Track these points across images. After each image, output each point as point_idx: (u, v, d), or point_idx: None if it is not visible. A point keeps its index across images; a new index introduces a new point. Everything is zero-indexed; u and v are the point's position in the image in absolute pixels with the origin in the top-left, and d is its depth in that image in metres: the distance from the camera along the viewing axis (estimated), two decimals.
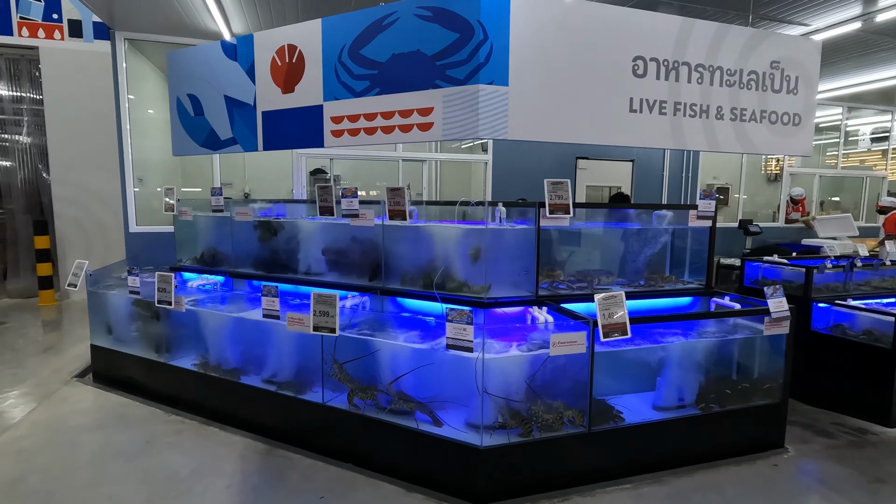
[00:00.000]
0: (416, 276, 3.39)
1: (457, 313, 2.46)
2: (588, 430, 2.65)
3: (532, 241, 3.21)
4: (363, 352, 2.93)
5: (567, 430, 2.64)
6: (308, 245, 3.88)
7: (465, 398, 2.70)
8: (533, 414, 2.60)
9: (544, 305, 3.15)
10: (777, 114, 3.34)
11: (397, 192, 3.26)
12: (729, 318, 3.28)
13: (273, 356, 3.32)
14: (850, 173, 9.90)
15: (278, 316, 3.06)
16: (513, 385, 2.61)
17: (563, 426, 2.64)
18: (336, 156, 6.29)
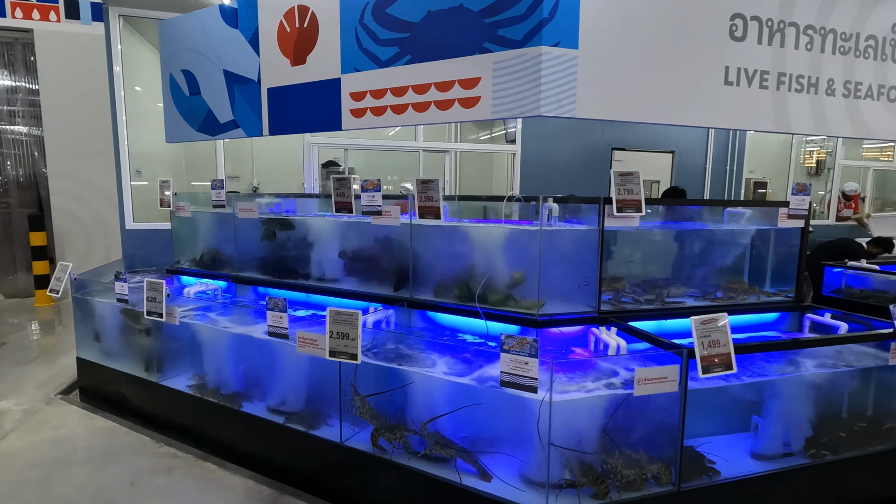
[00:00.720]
0: (450, 285, 2.83)
1: (516, 342, 1.89)
2: (677, 488, 2.08)
3: (594, 245, 2.63)
4: (391, 381, 2.39)
5: (651, 488, 2.07)
6: (322, 247, 3.33)
7: (520, 444, 2.14)
8: (610, 469, 2.04)
9: (609, 324, 2.58)
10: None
11: (429, 186, 2.70)
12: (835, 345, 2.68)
13: (281, 380, 2.78)
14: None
15: (287, 335, 2.53)
16: (584, 432, 2.05)
17: (647, 484, 2.07)
18: (352, 146, 5.74)
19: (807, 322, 2.96)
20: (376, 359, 2.43)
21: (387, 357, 2.45)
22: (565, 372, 2.17)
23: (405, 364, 2.36)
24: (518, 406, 2.07)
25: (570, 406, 1.95)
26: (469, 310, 2.70)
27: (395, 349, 2.50)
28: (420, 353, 2.46)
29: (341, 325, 2.25)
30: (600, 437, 2.07)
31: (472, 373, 2.23)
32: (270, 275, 3.51)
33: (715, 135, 7.07)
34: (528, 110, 2.10)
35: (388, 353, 2.50)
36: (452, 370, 2.28)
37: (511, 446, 2.18)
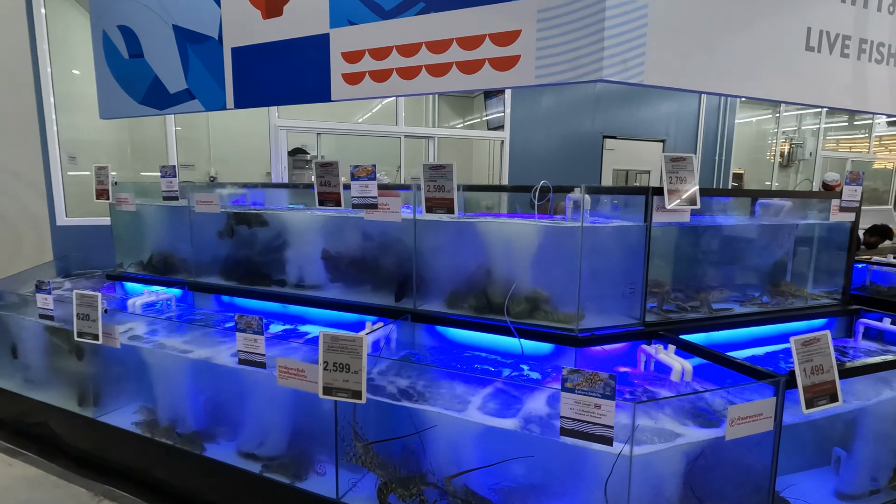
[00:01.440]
0: (465, 294, 2.34)
1: (584, 378, 1.42)
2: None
3: (640, 245, 2.20)
4: (402, 422, 1.87)
5: None
6: (301, 246, 2.77)
7: (577, 500, 1.68)
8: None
9: (658, 339, 2.15)
10: None
11: (441, 172, 2.19)
12: None
13: (256, 417, 2.22)
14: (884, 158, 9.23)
15: (263, 363, 1.97)
16: (662, 485, 1.60)
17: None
18: (326, 130, 5.11)
19: (860, 327, 2.64)
20: (379, 392, 1.91)
21: (394, 388, 1.94)
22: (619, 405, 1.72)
23: (421, 399, 1.86)
24: (577, 457, 1.60)
25: (649, 459, 1.50)
26: (489, 324, 2.22)
27: (399, 373, 1.99)
28: (436, 383, 1.96)
29: (340, 354, 1.72)
30: (681, 491, 1.63)
31: (509, 411, 1.75)
32: (237, 280, 2.91)
33: (704, 123, 6.84)
34: (586, 73, 1.61)
35: (393, 381, 1.98)
36: (482, 406, 1.79)
37: (560, 496, 1.72)
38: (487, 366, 2.15)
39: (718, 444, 1.59)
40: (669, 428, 1.58)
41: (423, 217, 2.33)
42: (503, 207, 3.93)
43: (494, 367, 2.14)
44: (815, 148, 9.01)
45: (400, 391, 1.90)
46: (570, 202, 2.45)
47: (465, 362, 2.19)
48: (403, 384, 1.93)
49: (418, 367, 2.02)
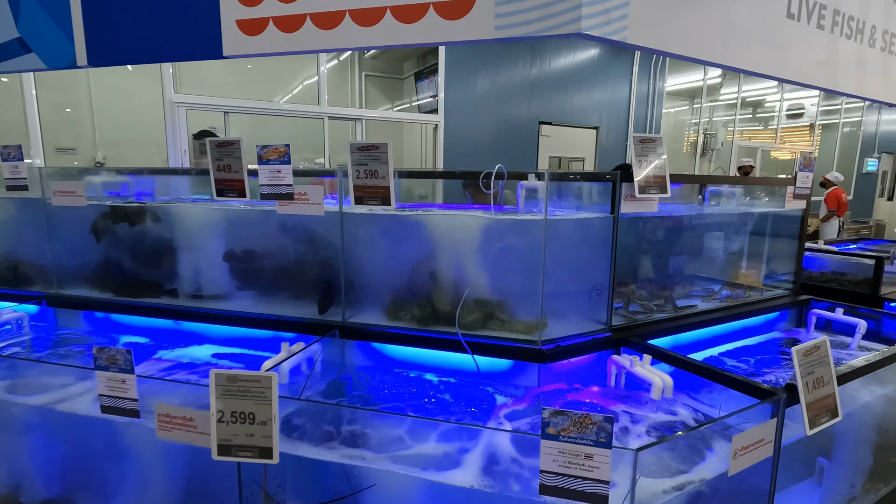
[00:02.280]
0: (406, 302, 1.94)
1: (572, 421, 1.08)
2: None
3: (606, 240, 1.91)
4: (329, 477, 1.45)
5: None
6: (199, 247, 2.22)
7: None
8: None
9: (627, 347, 1.89)
10: None
11: (374, 154, 1.76)
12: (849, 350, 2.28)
13: (133, 481, 1.69)
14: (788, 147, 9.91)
15: (136, 412, 1.46)
16: None
17: None
18: (235, 108, 4.44)
19: (812, 318, 2.57)
20: (298, 439, 1.47)
21: (319, 432, 1.50)
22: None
23: (354, 447, 1.44)
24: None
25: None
26: (435, 338, 1.84)
27: (330, 415, 1.56)
28: (374, 423, 1.55)
29: (241, 401, 1.26)
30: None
31: (466, 455, 1.38)
32: (114, 292, 2.30)
33: (634, 111, 6.87)
34: (560, 25, 1.25)
35: (319, 422, 1.55)
36: (435, 453, 1.41)
37: None
38: (437, 391, 1.77)
39: (719, 480, 1.33)
40: (667, 465, 1.29)
41: (351, 210, 1.90)
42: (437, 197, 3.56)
43: (447, 391, 1.77)
44: (725, 138, 9.49)
45: (326, 435, 1.47)
46: (523, 190, 2.12)
47: (410, 387, 1.80)
48: (330, 428, 1.50)
49: (350, 409, 1.59)
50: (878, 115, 10.50)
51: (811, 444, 1.81)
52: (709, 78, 7.85)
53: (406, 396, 1.71)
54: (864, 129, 10.29)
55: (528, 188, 2.04)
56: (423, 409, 1.64)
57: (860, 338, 2.34)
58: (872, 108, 10.37)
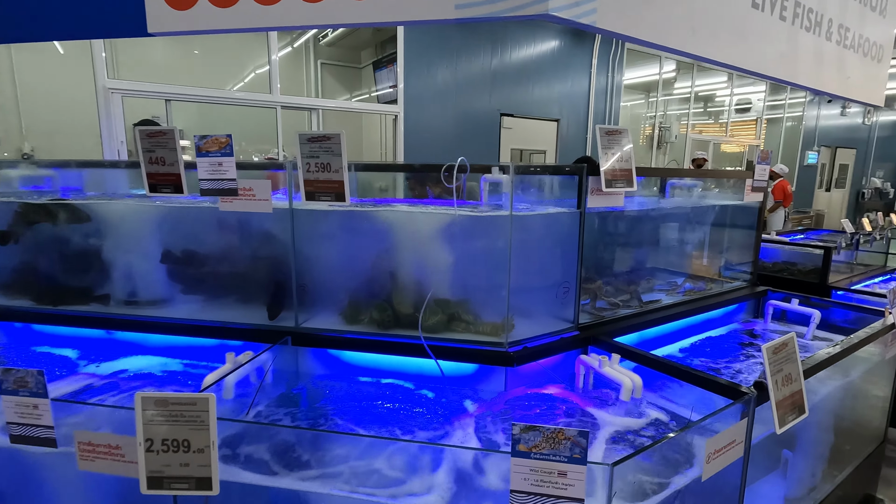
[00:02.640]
0: (363, 305, 1.81)
1: (544, 437, 1.00)
2: None
3: (573, 235, 1.85)
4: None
5: None
6: (132, 248, 2.01)
7: None
8: None
9: (595, 346, 1.84)
10: (869, 42, 2.36)
11: (325, 145, 1.62)
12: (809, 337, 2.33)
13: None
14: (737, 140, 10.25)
15: (52, 441, 1.27)
16: None
17: None
18: (177, 95, 4.13)
19: (769, 309, 2.61)
20: (243, 464, 1.33)
21: (267, 455, 1.36)
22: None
23: (307, 470, 1.31)
24: None
25: None
26: (396, 342, 1.73)
27: (279, 436, 1.42)
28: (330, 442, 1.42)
29: (173, 426, 1.10)
30: None
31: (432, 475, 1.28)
32: (35, 300, 2.06)
33: (595, 104, 6.92)
34: (526, 5, 1.15)
35: (266, 444, 1.40)
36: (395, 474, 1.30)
37: None
38: (401, 399, 1.66)
39: (692, 484, 1.29)
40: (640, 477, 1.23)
41: (303, 206, 1.75)
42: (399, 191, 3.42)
43: (411, 400, 1.66)
44: (679, 131, 9.74)
45: (275, 458, 1.33)
46: (486, 184, 2.02)
47: (370, 396, 1.68)
48: (278, 449, 1.36)
49: (297, 430, 1.45)
50: (818, 110, 11.06)
51: (774, 438, 1.82)
52: (664, 72, 8.00)
53: (367, 408, 1.59)
54: (806, 123, 10.81)
55: (491, 182, 1.95)
56: (385, 421, 1.52)
57: (815, 327, 2.39)
58: (813, 103, 10.90)
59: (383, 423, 1.50)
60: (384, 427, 1.47)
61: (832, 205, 12.33)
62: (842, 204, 12.66)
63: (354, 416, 1.55)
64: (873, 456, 2.25)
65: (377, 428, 1.47)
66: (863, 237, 3.64)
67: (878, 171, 13.44)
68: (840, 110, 11.63)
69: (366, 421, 1.52)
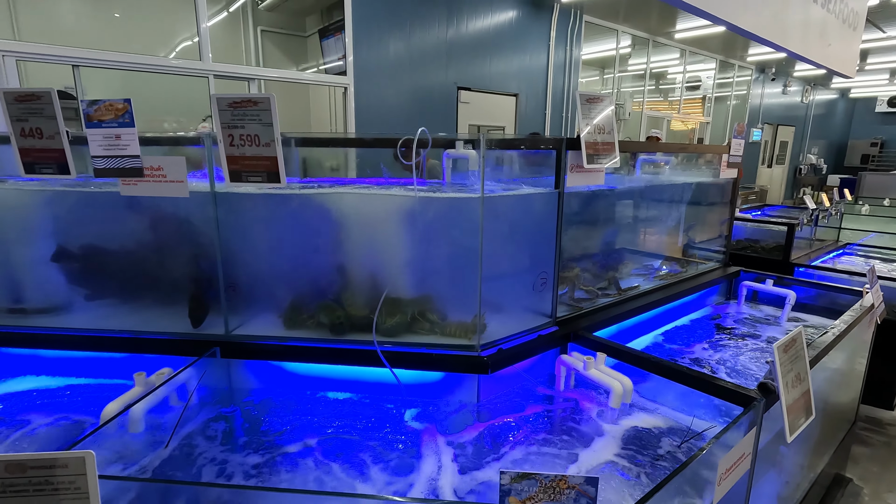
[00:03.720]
0: (310, 306, 1.52)
1: (542, 489, 0.77)
2: None
3: (550, 219, 1.62)
4: None
5: None
6: (15, 244, 1.62)
7: None
8: None
9: (577, 343, 1.64)
10: (848, 8, 2.24)
11: (251, 113, 1.30)
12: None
13: None
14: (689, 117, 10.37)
15: None
16: None
17: None
18: (87, 61, 3.57)
19: (743, 290, 2.52)
20: None
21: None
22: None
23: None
24: None
25: None
26: (347, 349, 1.45)
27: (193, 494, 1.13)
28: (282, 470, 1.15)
29: (34, 499, 0.80)
30: None
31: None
32: None
33: (553, 79, 6.72)
34: None
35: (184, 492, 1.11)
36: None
37: None
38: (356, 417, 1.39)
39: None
40: None
41: (228, 189, 1.43)
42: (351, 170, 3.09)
43: (369, 419, 1.40)
44: (632, 108, 9.74)
45: None
46: (449, 160, 1.76)
47: (320, 414, 1.41)
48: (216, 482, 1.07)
49: (211, 487, 1.17)
50: (762, 88, 11.38)
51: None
52: (620, 47, 7.90)
53: (317, 433, 1.32)
54: (751, 101, 11.11)
55: (456, 158, 1.69)
56: (337, 447, 1.26)
57: (790, 309, 2.31)
58: (758, 81, 11.20)
59: (339, 454, 1.23)
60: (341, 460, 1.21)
61: (773, 180, 12.87)
62: (781, 179, 13.23)
63: (302, 443, 1.28)
64: (847, 436, 2.21)
65: (333, 462, 1.20)
66: (821, 213, 3.64)
67: (813, 148, 14.12)
68: (782, 89, 12.04)
69: (317, 452, 1.25)
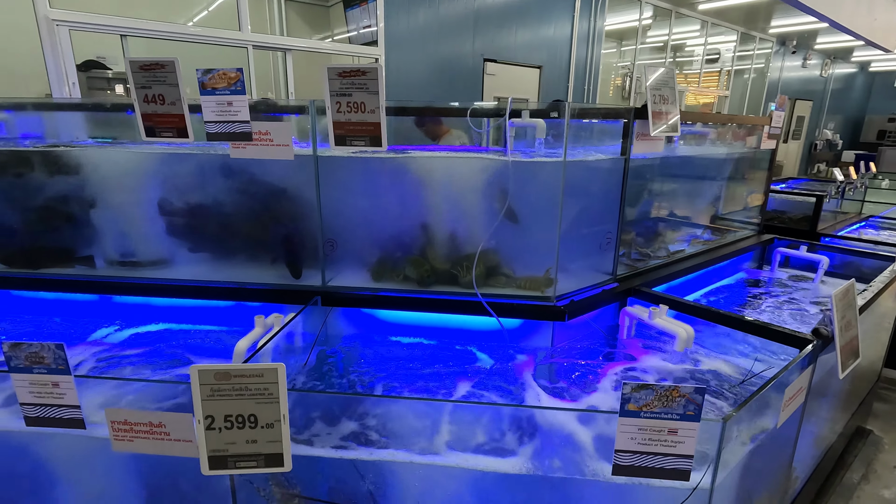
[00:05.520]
0: (397, 261, 1.68)
1: (658, 396, 0.93)
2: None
3: (617, 183, 1.76)
4: (340, 472, 1.22)
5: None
6: (122, 203, 1.77)
7: None
8: None
9: (637, 297, 1.80)
10: None
11: (359, 82, 1.43)
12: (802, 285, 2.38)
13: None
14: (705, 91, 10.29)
15: (81, 422, 1.11)
16: None
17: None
18: (134, 31, 3.65)
19: (777, 256, 2.66)
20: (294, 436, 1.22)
21: (320, 425, 1.25)
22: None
23: (367, 435, 1.22)
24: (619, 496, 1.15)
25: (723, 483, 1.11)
26: (436, 299, 1.62)
27: (337, 404, 1.31)
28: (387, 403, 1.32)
29: (237, 402, 0.97)
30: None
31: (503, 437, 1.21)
32: (5, 262, 1.81)
33: (577, 51, 6.71)
34: None
35: (317, 411, 1.29)
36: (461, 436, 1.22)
37: None
38: (450, 360, 1.57)
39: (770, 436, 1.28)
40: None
41: (329, 153, 1.57)
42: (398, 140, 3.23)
43: (460, 359, 1.57)
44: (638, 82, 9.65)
45: (331, 425, 1.22)
46: (512, 130, 1.89)
47: (415, 358, 1.58)
48: (335, 418, 1.25)
49: (363, 397, 1.34)
50: (782, 61, 11.23)
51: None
52: (643, 18, 7.82)
53: (415, 369, 1.50)
54: (770, 75, 10.99)
55: (525, 126, 1.81)
56: (442, 381, 1.44)
57: (823, 273, 2.45)
58: (778, 54, 11.04)
59: (441, 384, 1.41)
60: (445, 388, 1.38)
61: (788, 156, 12.81)
62: (797, 155, 13.17)
63: (404, 378, 1.45)
64: (870, 394, 2.38)
65: (438, 390, 1.38)
66: (848, 186, 3.74)
67: (829, 123, 13.99)
68: (801, 62, 11.87)
69: (420, 382, 1.42)
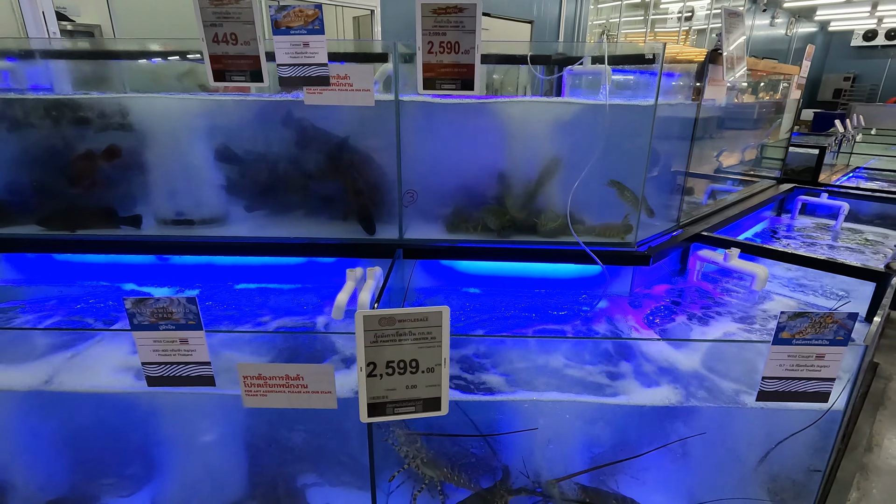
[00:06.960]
0: (474, 212, 1.65)
1: (812, 324, 0.97)
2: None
3: (688, 129, 1.77)
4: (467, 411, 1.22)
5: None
6: (173, 156, 1.64)
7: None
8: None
9: (702, 242, 1.84)
10: None
11: (454, 20, 1.36)
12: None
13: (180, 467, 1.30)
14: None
15: (211, 379, 1.06)
16: None
17: None
18: None
19: (798, 204, 2.77)
20: None
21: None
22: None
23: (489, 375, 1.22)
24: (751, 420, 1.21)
25: None
26: (514, 248, 1.61)
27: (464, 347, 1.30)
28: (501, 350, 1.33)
29: (398, 347, 0.94)
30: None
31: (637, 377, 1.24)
32: (47, 224, 1.67)
33: (566, 7, 6.60)
34: None
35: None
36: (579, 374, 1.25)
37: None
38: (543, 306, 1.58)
39: None
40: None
41: (415, 98, 1.49)
42: None
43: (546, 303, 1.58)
44: (623, 40, 9.64)
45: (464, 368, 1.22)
46: (570, 78, 1.87)
47: (509, 306, 1.58)
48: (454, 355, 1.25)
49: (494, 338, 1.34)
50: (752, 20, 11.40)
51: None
52: None
53: (512, 316, 1.50)
54: None
55: (589, 75, 1.78)
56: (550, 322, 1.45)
57: (843, 219, 2.58)
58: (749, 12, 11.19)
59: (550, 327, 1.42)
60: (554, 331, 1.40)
61: None
62: None
63: (504, 324, 1.46)
64: None
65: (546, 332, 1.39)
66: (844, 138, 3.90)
67: None
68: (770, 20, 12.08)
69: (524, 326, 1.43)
